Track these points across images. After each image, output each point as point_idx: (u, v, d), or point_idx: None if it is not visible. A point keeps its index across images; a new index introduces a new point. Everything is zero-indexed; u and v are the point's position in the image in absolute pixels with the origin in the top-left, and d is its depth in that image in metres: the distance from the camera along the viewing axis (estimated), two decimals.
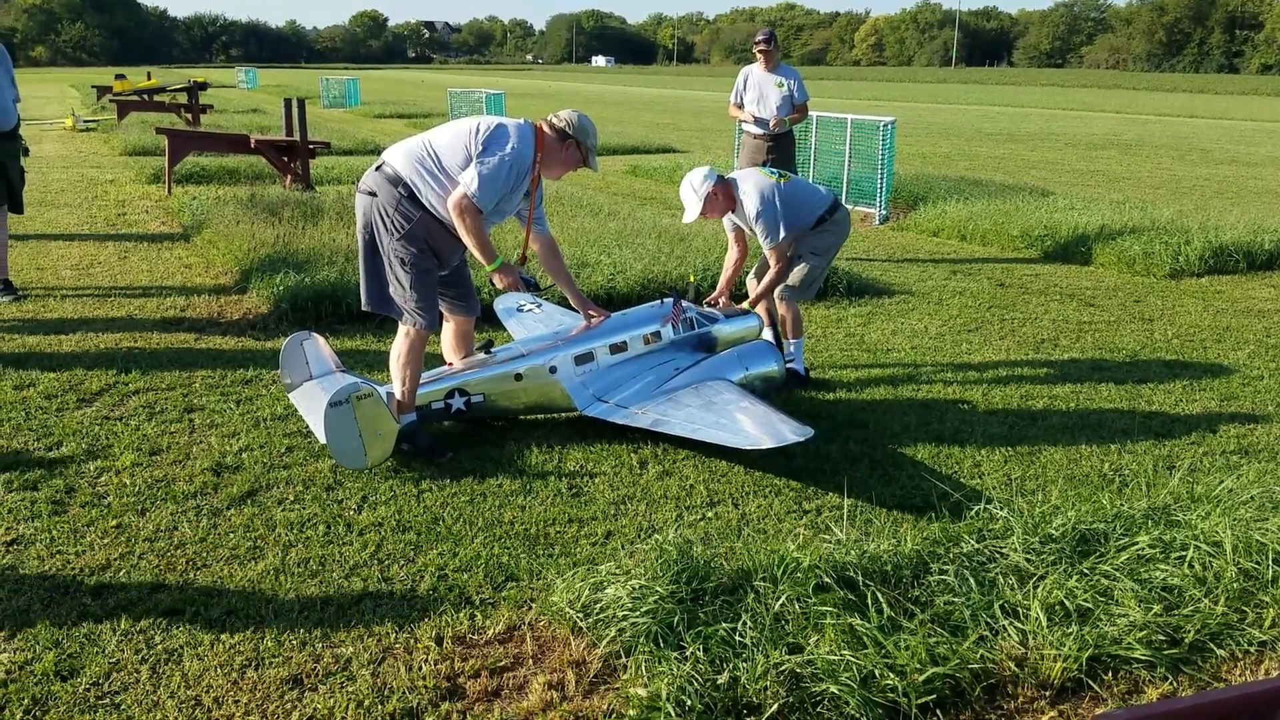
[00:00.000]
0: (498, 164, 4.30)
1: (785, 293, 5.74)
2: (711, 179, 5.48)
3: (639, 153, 20.00)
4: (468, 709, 2.89)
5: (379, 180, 4.41)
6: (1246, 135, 29.73)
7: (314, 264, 7.53)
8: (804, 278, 5.71)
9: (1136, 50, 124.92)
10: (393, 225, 4.38)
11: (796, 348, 5.81)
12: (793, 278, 5.70)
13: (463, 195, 4.28)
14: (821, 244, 5.70)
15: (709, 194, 5.46)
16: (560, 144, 4.55)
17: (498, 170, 4.30)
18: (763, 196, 5.46)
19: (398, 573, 3.62)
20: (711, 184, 5.47)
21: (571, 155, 4.58)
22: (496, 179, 4.31)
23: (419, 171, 4.37)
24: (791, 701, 2.84)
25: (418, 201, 4.37)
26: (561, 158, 4.58)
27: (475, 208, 4.30)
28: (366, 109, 32.42)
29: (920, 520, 4.08)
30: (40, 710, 2.84)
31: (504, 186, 4.37)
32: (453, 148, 4.38)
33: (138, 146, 17.10)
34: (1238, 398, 5.80)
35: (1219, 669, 3.14)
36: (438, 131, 4.51)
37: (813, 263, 5.70)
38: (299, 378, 4.97)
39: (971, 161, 19.63)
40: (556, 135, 4.54)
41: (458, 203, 4.29)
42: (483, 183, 4.27)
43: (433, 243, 4.47)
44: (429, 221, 4.41)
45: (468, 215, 4.30)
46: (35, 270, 8.25)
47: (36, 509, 4.03)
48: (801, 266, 5.69)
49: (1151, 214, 11.34)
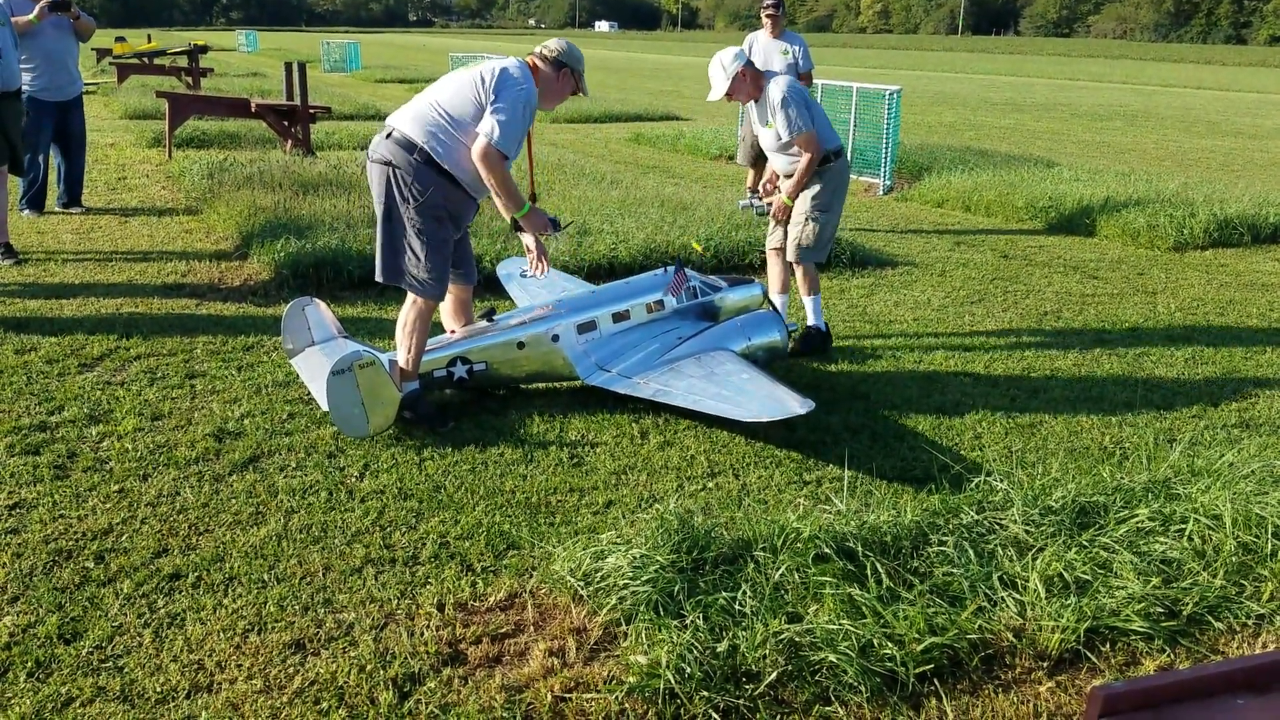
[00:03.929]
0: (513, 107, 4.27)
1: (800, 254, 5.76)
2: (742, 59, 5.50)
3: (642, 120, 19.88)
4: (469, 674, 2.91)
5: (392, 148, 4.36)
6: (1253, 107, 29.54)
7: (315, 230, 7.50)
8: (816, 237, 5.73)
9: (1144, 20, 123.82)
10: (410, 193, 4.35)
11: (814, 304, 5.85)
12: (805, 238, 5.72)
13: (486, 144, 4.24)
14: (823, 201, 5.70)
15: (738, 74, 5.48)
16: (555, 74, 4.53)
17: (514, 113, 4.27)
18: (792, 86, 5.53)
19: (399, 540, 3.63)
20: (742, 64, 5.48)
21: (566, 83, 4.58)
22: (515, 122, 4.28)
23: (432, 134, 4.33)
24: (790, 670, 2.86)
25: (435, 165, 4.33)
26: (557, 88, 4.57)
27: (500, 154, 4.27)
28: (367, 73, 32.15)
29: (920, 492, 4.10)
30: (44, 673, 2.86)
31: (523, 128, 4.36)
32: (461, 101, 4.34)
33: (138, 110, 16.99)
34: (1240, 371, 5.79)
35: (1216, 642, 3.16)
36: (438, 89, 4.45)
37: (821, 220, 5.71)
38: (301, 343, 4.97)
39: (977, 131, 19.51)
40: (551, 66, 4.52)
41: (483, 153, 4.25)
42: (504, 129, 4.24)
43: (450, 208, 4.44)
44: (446, 186, 4.38)
45: (495, 164, 4.28)
46: (36, 234, 8.23)
47: (39, 473, 4.04)
48: (811, 226, 5.71)
49: (1157, 186, 11.28)
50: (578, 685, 2.85)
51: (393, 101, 18.78)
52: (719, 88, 5.51)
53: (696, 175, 12.84)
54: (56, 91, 8.46)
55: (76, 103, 8.74)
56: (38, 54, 8.22)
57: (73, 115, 8.72)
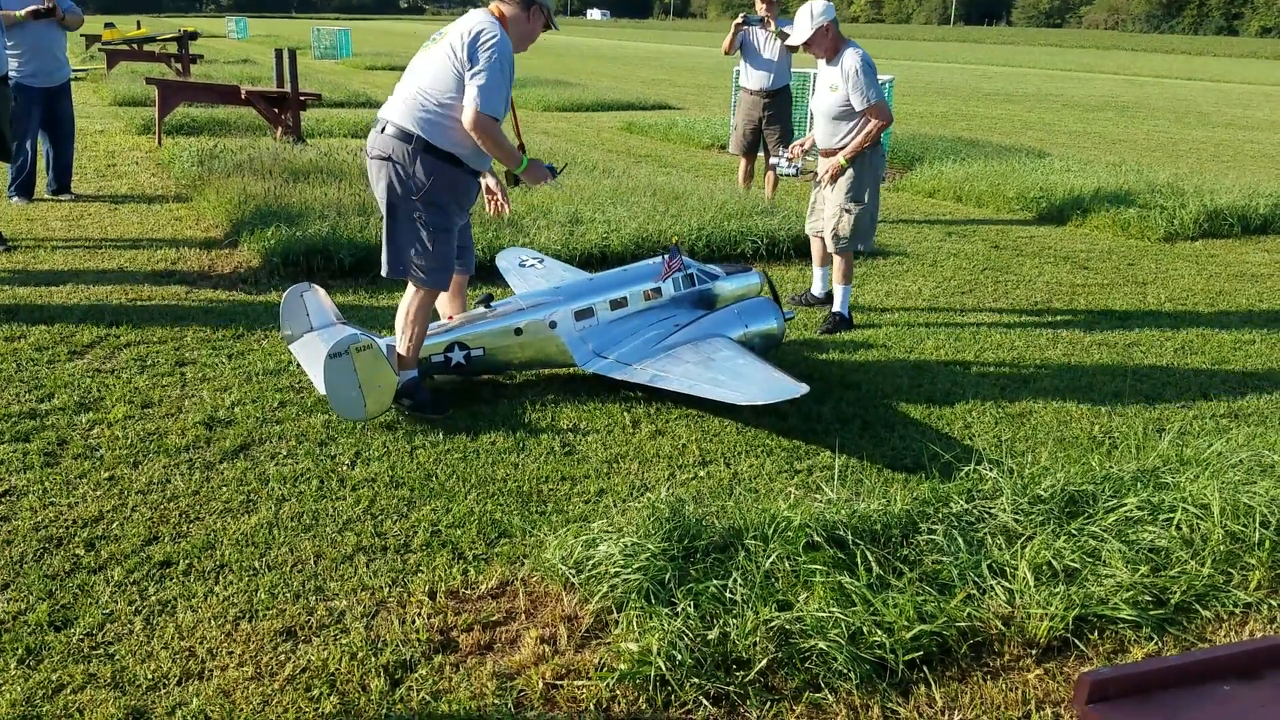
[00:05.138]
0: (490, 68, 4.22)
1: (838, 245, 6.06)
2: (830, 14, 5.75)
3: (635, 109, 19.84)
4: (460, 661, 2.91)
5: (389, 141, 4.34)
6: (1244, 98, 29.60)
7: (305, 217, 7.47)
8: (852, 228, 5.99)
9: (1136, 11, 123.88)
10: (412, 185, 4.33)
11: (843, 293, 6.17)
12: (842, 229, 6.00)
13: (475, 113, 4.21)
14: (856, 193, 5.96)
15: (823, 26, 5.73)
16: (525, 13, 4.44)
17: (493, 73, 4.23)
18: (867, 57, 5.76)
19: (391, 528, 3.63)
20: (829, 19, 5.74)
21: (537, 21, 4.51)
22: (496, 82, 4.25)
23: (425, 119, 4.30)
24: (780, 657, 2.87)
25: (434, 149, 4.31)
26: (528, 29, 4.50)
27: (490, 119, 4.25)
28: (358, 60, 32.00)
29: (910, 480, 4.11)
30: (34, 660, 2.85)
31: (506, 84, 4.33)
32: (441, 77, 4.30)
33: (127, 97, 16.89)
34: (1229, 362, 5.82)
35: (1204, 630, 3.18)
36: (420, 73, 4.39)
37: (855, 211, 5.97)
38: (299, 329, 4.95)
39: (968, 122, 19.52)
40: (520, 6, 4.43)
41: (474, 121, 4.22)
42: (487, 93, 4.21)
43: (454, 193, 4.44)
44: (448, 170, 4.37)
45: (487, 129, 4.26)
46: (25, 221, 8.18)
47: (29, 460, 4.03)
48: (845, 218, 5.98)
49: (1147, 177, 11.31)
50: (569, 672, 2.86)
51: (383, 89, 18.68)
52: (802, 32, 5.76)
53: (689, 164, 12.83)
54: (44, 78, 8.41)
55: (64, 89, 8.68)
56: (24, 40, 8.17)
57: (61, 102, 8.66)
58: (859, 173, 5.90)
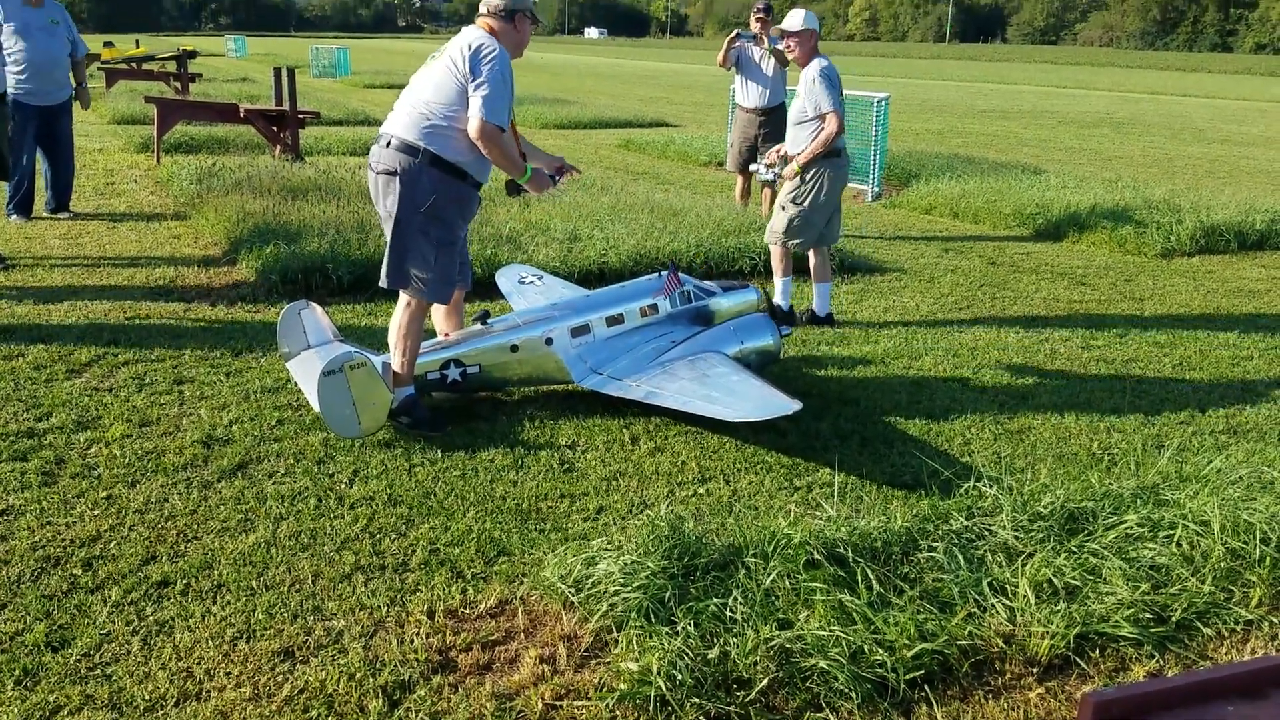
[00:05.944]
0: (492, 78, 4.29)
1: (768, 235, 6.55)
2: (816, 26, 6.31)
3: (632, 126, 19.91)
4: (459, 682, 2.90)
5: (393, 156, 4.37)
6: (1239, 114, 29.74)
7: (304, 235, 7.48)
8: (785, 225, 6.38)
9: (1130, 28, 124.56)
10: (418, 198, 4.37)
11: (782, 287, 6.52)
12: (775, 222, 6.45)
13: (481, 123, 4.27)
14: (798, 195, 6.35)
15: (810, 31, 6.27)
16: (512, 24, 4.50)
17: (495, 83, 4.29)
18: (830, 68, 6.23)
19: (389, 546, 3.62)
20: (815, 29, 6.30)
21: (524, 26, 4.56)
22: (499, 92, 4.31)
23: (430, 132, 4.34)
24: (781, 676, 2.86)
25: (440, 161, 4.36)
26: (518, 37, 4.57)
27: (496, 128, 4.31)
28: (356, 79, 32.12)
29: (910, 497, 4.10)
30: (31, 681, 2.84)
31: (508, 93, 4.39)
32: (444, 90, 4.35)
33: (126, 115, 16.95)
34: (1227, 378, 5.82)
35: (1205, 647, 3.17)
36: (421, 88, 4.45)
37: (790, 211, 6.38)
38: (296, 347, 4.95)
39: (964, 139, 19.59)
40: (504, 19, 4.48)
41: (479, 131, 4.28)
42: (491, 103, 4.27)
43: (458, 205, 4.49)
44: (453, 183, 4.41)
45: (493, 139, 4.32)
46: (23, 240, 8.19)
47: (26, 479, 4.01)
48: (780, 214, 6.41)
49: (1143, 193, 11.34)
50: (568, 693, 2.85)
51: (382, 107, 18.73)
52: (794, 22, 6.22)
53: (686, 181, 12.86)
54: (43, 96, 8.43)
55: (64, 108, 8.71)
56: (25, 58, 8.20)
57: (60, 121, 8.69)
58: (806, 178, 6.28)
